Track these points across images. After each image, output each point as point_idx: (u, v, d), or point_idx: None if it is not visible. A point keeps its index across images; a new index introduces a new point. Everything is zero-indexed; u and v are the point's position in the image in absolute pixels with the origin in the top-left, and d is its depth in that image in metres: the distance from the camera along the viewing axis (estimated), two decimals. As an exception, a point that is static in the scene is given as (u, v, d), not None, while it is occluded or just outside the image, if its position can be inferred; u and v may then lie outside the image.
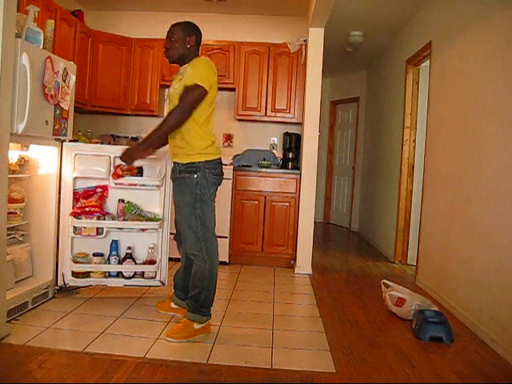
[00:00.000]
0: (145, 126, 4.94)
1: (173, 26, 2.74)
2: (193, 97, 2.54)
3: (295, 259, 4.57)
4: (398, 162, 5.13)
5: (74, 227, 3.24)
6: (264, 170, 4.68)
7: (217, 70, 2.72)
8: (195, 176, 2.62)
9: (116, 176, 3.24)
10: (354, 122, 7.81)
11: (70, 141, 3.25)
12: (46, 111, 2.88)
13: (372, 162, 6.72)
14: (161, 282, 3.38)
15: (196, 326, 2.66)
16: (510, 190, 2.69)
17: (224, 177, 4.39)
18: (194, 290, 2.70)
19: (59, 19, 3.95)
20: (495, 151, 2.91)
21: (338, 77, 8.06)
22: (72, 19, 4.30)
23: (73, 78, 3.15)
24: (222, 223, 4.57)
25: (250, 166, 4.81)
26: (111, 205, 3.37)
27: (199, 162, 2.62)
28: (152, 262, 3.34)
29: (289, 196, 4.63)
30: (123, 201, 3.34)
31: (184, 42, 2.68)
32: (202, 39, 2.82)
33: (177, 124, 2.56)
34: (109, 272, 3.34)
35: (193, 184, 2.62)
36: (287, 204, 4.63)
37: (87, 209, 3.22)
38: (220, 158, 2.76)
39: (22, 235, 3.11)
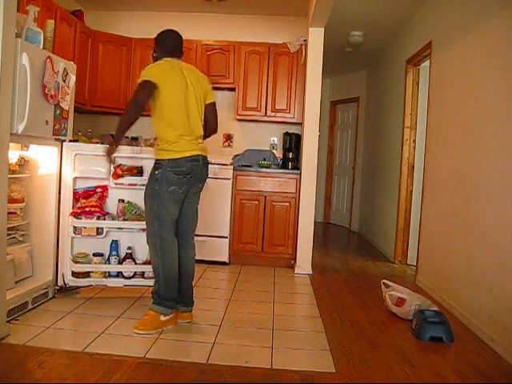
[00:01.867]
0: (145, 127, 4.94)
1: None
2: (138, 89, 2.64)
3: (295, 259, 4.57)
4: (398, 162, 5.13)
5: (74, 227, 3.24)
6: (264, 170, 4.68)
7: (218, 70, 2.77)
8: (156, 172, 2.70)
9: (116, 176, 3.24)
10: (353, 122, 7.81)
11: (70, 141, 3.25)
12: (46, 111, 2.88)
13: (372, 162, 6.72)
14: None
15: (162, 318, 2.74)
16: (510, 190, 2.69)
17: (224, 177, 4.56)
18: (154, 285, 2.82)
19: (59, 19, 3.95)
20: (495, 151, 2.91)
21: (337, 77, 8.06)
22: (72, 19, 4.30)
23: (73, 78, 3.15)
24: (222, 223, 4.57)
25: (250, 166, 4.81)
26: (111, 205, 3.38)
27: (162, 160, 2.70)
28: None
29: (289, 196, 4.63)
30: (123, 201, 3.34)
31: (153, 53, 2.89)
32: (203, 39, 2.84)
33: (134, 116, 2.64)
34: (109, 272, 3.34)
35: (153, 180, 2.72)
36: (287, 204, 4.62)
37: (87, 209, 3.23)
38: (189, 157, 2.72)
39: (22, 235, 3.11)
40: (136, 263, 3.35)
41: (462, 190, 3.37)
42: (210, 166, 2.93)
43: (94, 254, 3.31)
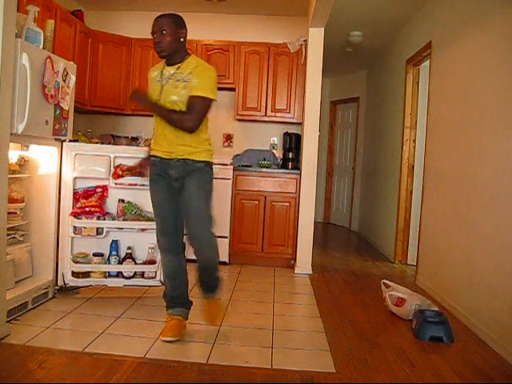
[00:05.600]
0: (145, 127, 4.94)
1: (161, 17, 2.67)
2: (206, 110, 2.53)
3: (295, 259, 4.57)
4: (398, 162, 5.13)
5: (74, 227, 3.24)
6: (264, 169, 4.68)
7: (217, 70, 2.72)
8: (212, 173, 2.71)
9: (116, 176, 3.25)
10: (354, 122, 7.81)
11: (70, 141, 3.25)
12: (45, 111, 2.88)
13: (372, 162, 6.72)
14: (161, 281, 3.37)
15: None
16: (509, 189, 2.69)
17: (224, 177, 4.56)
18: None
19: (59, 19, 3.95)
20: (496, 151, 2.90)
21: (337, 77, 8.06)
22: (72, 19, 4.30)
23: (73, 78, 3.15)
24: (222, 223, 4.57)
25: (250, 166, 4.81)
26: (111, 205, 3.38)
27: (211, 161, 2.71)
28: (152, 262, 3.34)
29: (289, 196, 4.63)
30: (123, 201, 3.34)
31: (177, 36, 2.60)
32: (203, 39, 2.83)
33: (178, 127, 2.50)
34: (109, 272, 3.34)
35: (211, 180, 2.71)
36: (287, 204, 4.62)
37: (87, 209, 3.23)
38: None
39: (22, 235, 3.11)
40: (136, 263, 3.35)
41: (462, 190, 3.37)
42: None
43: (94, 254, 3.31)
